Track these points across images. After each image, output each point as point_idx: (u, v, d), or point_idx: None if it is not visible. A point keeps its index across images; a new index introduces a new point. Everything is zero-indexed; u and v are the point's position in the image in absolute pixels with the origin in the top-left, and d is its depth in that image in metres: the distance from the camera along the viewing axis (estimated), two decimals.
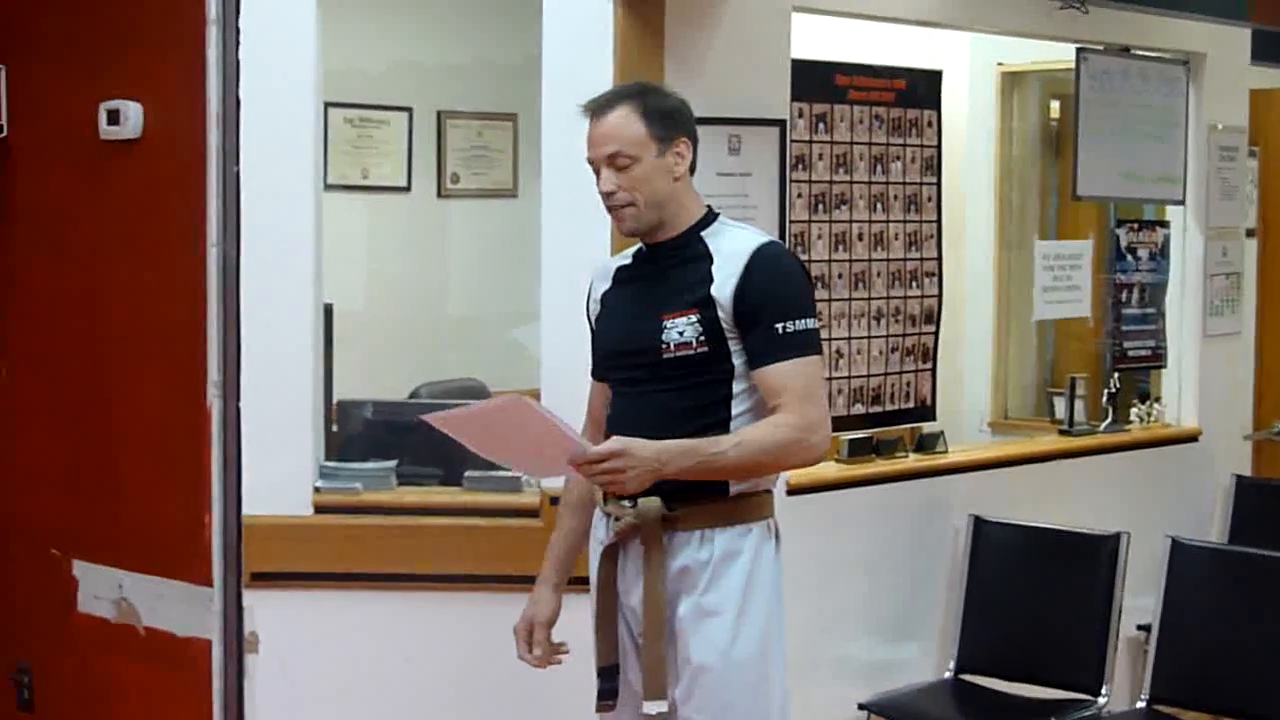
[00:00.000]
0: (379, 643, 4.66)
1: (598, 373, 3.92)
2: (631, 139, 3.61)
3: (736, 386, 3.63)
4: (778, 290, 3.61)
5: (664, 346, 3.62)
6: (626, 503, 3.63)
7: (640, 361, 3.68)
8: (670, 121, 3.66)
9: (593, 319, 3.91)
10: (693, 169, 3.72)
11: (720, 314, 3.60)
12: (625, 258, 3.87)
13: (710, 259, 3.65)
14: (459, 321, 7.04)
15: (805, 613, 4.95)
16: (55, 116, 5.07)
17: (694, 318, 3.60)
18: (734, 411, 3.63)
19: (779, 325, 3.57)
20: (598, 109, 3.67)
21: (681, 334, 3.61)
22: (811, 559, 5.09)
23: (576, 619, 3.86)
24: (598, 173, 3.67)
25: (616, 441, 3.45)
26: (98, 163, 4.90)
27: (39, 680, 5.23)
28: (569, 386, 4.09)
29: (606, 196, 3.66)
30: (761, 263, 3.61)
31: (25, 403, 5.24)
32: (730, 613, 3.62)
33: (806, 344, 3.60)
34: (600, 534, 3.78)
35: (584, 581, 3.84)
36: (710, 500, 3.63)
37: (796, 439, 3.55)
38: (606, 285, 3.87)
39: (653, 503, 3.59)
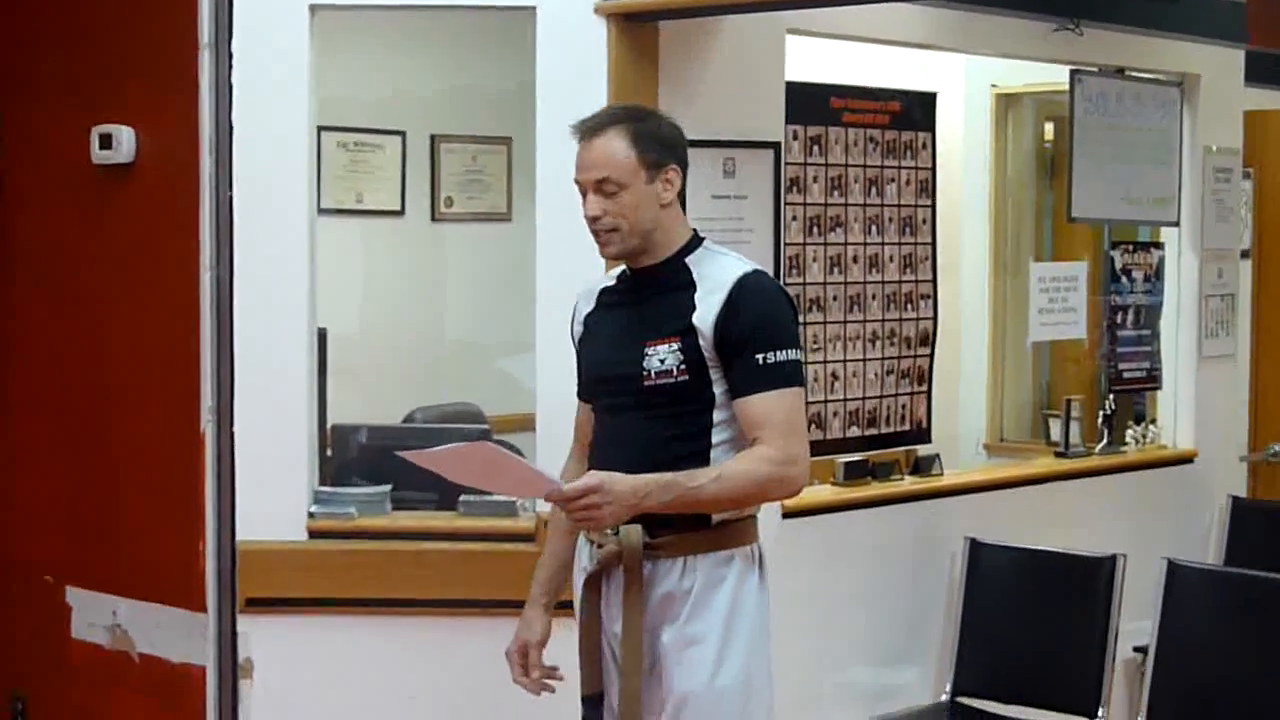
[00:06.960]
0: (373, 668, 4.65)
1: (583, 394, 3.90)
2: (620, 166, 3.58)
3: (717, 416, 3.60)
4: (760, 321, 3.56)
5: (645, 374, 3.59)
6: (609, 530, 3.60)
7: (621, 388, 3.66)
8: (661, 148, 3.63)
9: (577, 341, 3.88)
10: (682, 195, 3.69)
11: (701, 343, 3.56)
12: (610, 279, 3.85)
13: (694, 287, 3.62)
14: (453, 346, 7.02)
15: (801, 636, 4.96)
16: (48, 144, 5.07)
17: (675, 346, 3.57)
18: (714, 441, 3.60)
19: (760, 356, 3.53)
20: (587, 131, 3.63)
21: (663, 362, 3.58)
22: (807, 583, 5.08)
23: (565, 645, 3.84)
24: (584, 195, 3.64)
25: (593, 477, 3.43)
26: (91, 190, 4.90)
27: (35, 709, 5.22)
28: (563, 411, 4.07)
29: (592, 221, 3.62)
30: (745, 293, 3.58)
31: (22, 431, 5.23)
32: (713, 641, 3.60)
33: (788, 376, 3.56)
34: (584, 561, 3.76)
35: (570, 606, 3.83)
36: (692, 528, 3.59)
37: (777, 473, 3.53)
38: (590, 307, 3.84)
39: (634, 531, 3.57)
